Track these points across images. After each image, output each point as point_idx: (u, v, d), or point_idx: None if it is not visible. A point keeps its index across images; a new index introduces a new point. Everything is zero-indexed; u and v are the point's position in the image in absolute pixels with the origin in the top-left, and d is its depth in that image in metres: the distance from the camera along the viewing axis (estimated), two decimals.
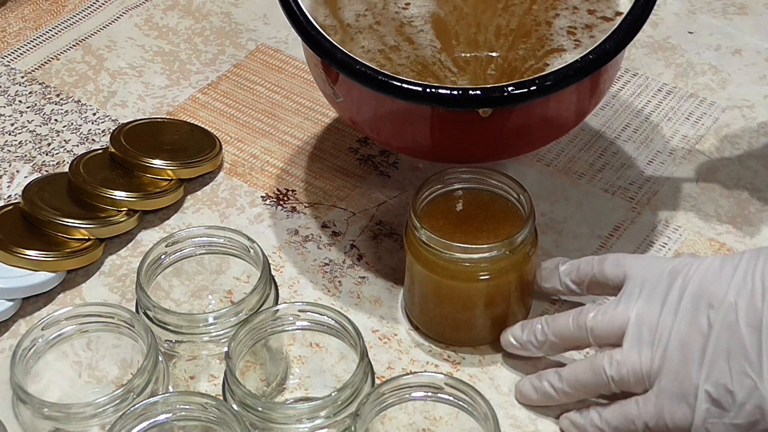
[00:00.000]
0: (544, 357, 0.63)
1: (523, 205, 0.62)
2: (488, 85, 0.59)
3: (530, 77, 0.59)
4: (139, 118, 0.80)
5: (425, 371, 0.61)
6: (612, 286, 0.59)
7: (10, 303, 0.66)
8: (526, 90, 0.58)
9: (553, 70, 0.59)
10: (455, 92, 0.58)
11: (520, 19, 0.64)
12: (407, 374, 0.56)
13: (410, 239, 0.62)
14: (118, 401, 0.55)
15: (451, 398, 0.55)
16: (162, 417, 0.53)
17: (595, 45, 0.60)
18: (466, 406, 0.55)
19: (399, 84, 0.58)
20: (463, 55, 0.62)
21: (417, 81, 0.59)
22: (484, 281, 0.61)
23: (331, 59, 0.60)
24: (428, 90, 0.58)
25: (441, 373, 0.57)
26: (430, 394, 0.56)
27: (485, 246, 0.60)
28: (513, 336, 0.62)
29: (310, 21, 0.61)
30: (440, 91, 0.58)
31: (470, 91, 0.58)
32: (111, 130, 0.77)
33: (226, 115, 0.81)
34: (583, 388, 0.58)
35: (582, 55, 0.59)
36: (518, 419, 0.61)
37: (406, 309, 0.66)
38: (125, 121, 0.78)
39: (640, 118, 0.79)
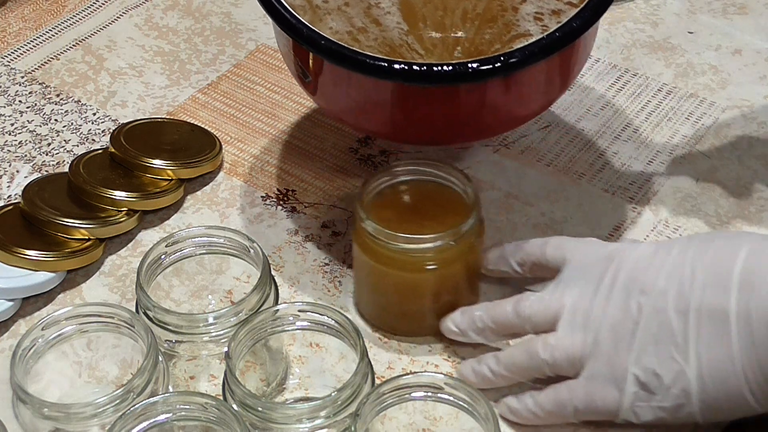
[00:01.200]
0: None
1: (468, 196, 0.62)
2: (452, 61, 0.59)
3: (495, 54, 0.59)
4: (139, 118, 0.80)
5: (425, 371, 0.61)
6: (553, 269, 0.60)
7: (10, 303, 0.66)
8: (490, 66, 0.58)
9: (518, 47, 0.59)
10: (419, 68, 0.58)
11: (486, 3, 0.64)
12: (407, 374, 0.56)
13: (357, 231, 0.63)
14: (118, 401, 0.55)
15: (451, 398, 0.55)
16: (162, 417, 0.53)
17: (561, 24, 0.60)
18: (466, 406, 0.55)
19: (364, 59, 0.59)
20: (430, 37, 0.62)
21: (383, 56, 0.59)
22: (431, 271, 0.61)
23: (298, 36, 0.61)
24: (394, 66, 0.58)
25: (441, 373, 0.57)
26: (430, 394, 0.56)
27: (430, 236, 0.60)
28: (453, 322, 0.62)
29: (280, 1, 0.62)
30: (403, 66, 0.58)
31: (434, 67, 0.58)
32: (111, 130, 0.77)
33: (226, 115, 0.81)
34: (519, 371, 0.59)
35: (548, 33, 0.60)
36: None
37: (355, 300, 0.66)
38: (125, 121, 0.78)
39: (640, 118, 0.79)
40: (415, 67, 0.58)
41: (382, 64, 0.58)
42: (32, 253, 0.67)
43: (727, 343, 0.52)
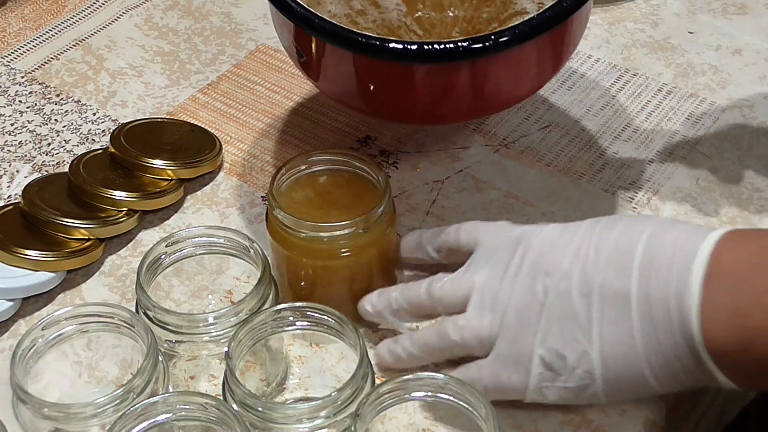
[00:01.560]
0: None
1: (380, 185, 0.63)
2: (446, 40, 0.59)
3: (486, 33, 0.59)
4: (139, 118, 0.80)
5: (425, 372, 0.62)
6: (465, 253, 0.61)
7: (10, 303, 0.66)
8: (480, 45, 0.58)
9: (509, 26, 0.60)
10: (412, 47, 0.59)
11: None
12: (407, 374, 0.56)
13: (270, 220, 0.63)
14: (118, 401, 0.55)
15: (451, 398, 0.55)
16: (162, 417, 0.53)
17: (552, 3, 0.61)
18: (466, 406, 0.55)
19: (358, 38, 0.59)
20: (428, 17, 0.62)
21: (378, 36, 0.60)
22: (344, 258, 0.62)
23: (292, 15, 0.61)
24: (386, 44, 0.59)
25: (441, 374, 0.57)
26: (430, 394, 0.56)
27: (338, 224, 0.61)
28: (370, 303, 0.63)
29: None
30: (395, 45, 0.59)
31: (425, 46, 0.59)
32: (111, 130, 0.77)
33: (226, 115, 0.81)
34: (432, 351, 0.60)
35: (539, 12, 0.60)
36: (518, 419, 0.61)
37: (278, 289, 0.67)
38: (125, 121, 0.78)
39: (640, 118, 0.79)
40: (409, 47, 0.59)
41: (374, 42, 0.59)
42: (32, 253, 0.67)
43: (629, 325, 0.53)
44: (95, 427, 0.56)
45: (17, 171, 0.77)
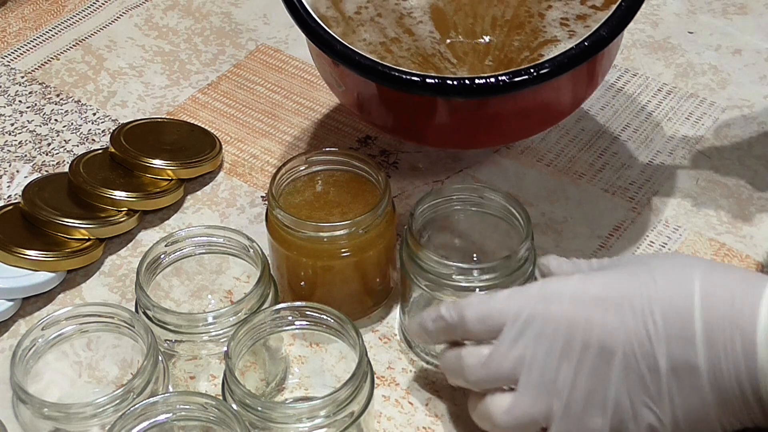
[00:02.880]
0: None
1: (380, 185, 0.63)
2: (485, 75, 0.59)
3: (525, 66, 0.59)
4: (139, 118, 0.80)
5: None
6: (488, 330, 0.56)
7: (10, 303, 0.66)
8: (520, 79, 0.58)
9: (547, 58, 0.59)
10: (454, 82, 0.59)
11: (514, 10, 0.64)
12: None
13: (270, 220, 0.63)
14: (118, 401, 0.55)
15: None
16: (162, 417, 0.53)
17: (590, 32, 0.60)
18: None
19: (398, 74, 0.59)
20: (461, 45, 0.62)
21: (416, 72, 0.60)
22: (344, 258, 0.62)
23: (331, 51, 0.61)
24: (427, 80, 0.59)
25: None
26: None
27: (338, 224, 0.61)
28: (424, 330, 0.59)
29: (309, 13, 0.62)
30: (440, 81, 0.59)
31: (466, 81, 0.59)
32: (111, 130, 0.77)
33: (226, 115, 0.81)
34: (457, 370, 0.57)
35: (577, 42, 0.60)
36: None
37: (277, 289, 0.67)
38: (125, 121, 0.78)
39: (640, 118, 0.79)
40: (448, 82, 0.59)
41: (415, 79, 0.59)
42: (32, 253, 0.67)
43: (700, 395, 0.52)
44: (95, 427, 0.56)
45: (17, 171, 0.77)
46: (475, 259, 0.66)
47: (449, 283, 0.60)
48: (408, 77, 0.59)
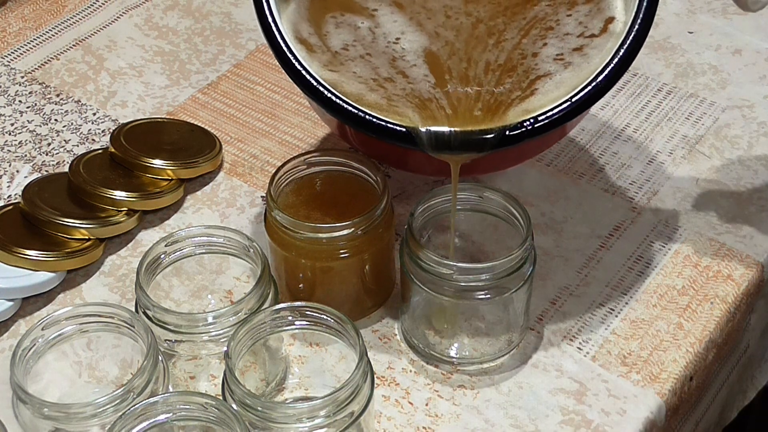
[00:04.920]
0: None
1: (379, 186, 0.63)
2: (478, 129, 0.58)
3: (519, 121, 0.58)
4: (139, 118, 0.80)
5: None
6: None
7: (10, 303, 0.66)
8: (515, 133, 0.58)
9: (541, 119, 0.58)
10: (433, 138, 0.58)
11: (508, 54, 0.63)
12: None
13: (268, 221, 0.63)
14: (118, 401, 0.55)
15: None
16: (162, 417, 0.53)
17: (585, 90, 0.59)
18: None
19: (390, 128, 0.58)
20: (455, 91, 0.61)
21: (401, 123, 0.58)
22: (343, 259, 0.62)
23: (314, 96, 0.59)
24: (420, 136, 0.58)
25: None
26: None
27: (337, 225, 0.61)
28: None
29: (296, 56, 0.60)
30: (429, 136, 0.58)
31: (460, 139, 0.58)
32: (111, 130, 0.77)
33: (226, 115, 0.81)
34: None
35: (572, 94, 0.58)
36: (518, 419, 0.61)
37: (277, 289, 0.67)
38: (125, 121, 0.78)
39: (640, 118, 0.79)
40: (440, 137, 0.58)
41: (408, 134, 0.58)
42: (32, 253, 0.67)
43: None
44: (95, 427, 0.56)
45: (17, 171, 0.77)
46: (475, 259, 0.66)
47: (449, 283, 0.60)
48: (402, 132, 0.58)
